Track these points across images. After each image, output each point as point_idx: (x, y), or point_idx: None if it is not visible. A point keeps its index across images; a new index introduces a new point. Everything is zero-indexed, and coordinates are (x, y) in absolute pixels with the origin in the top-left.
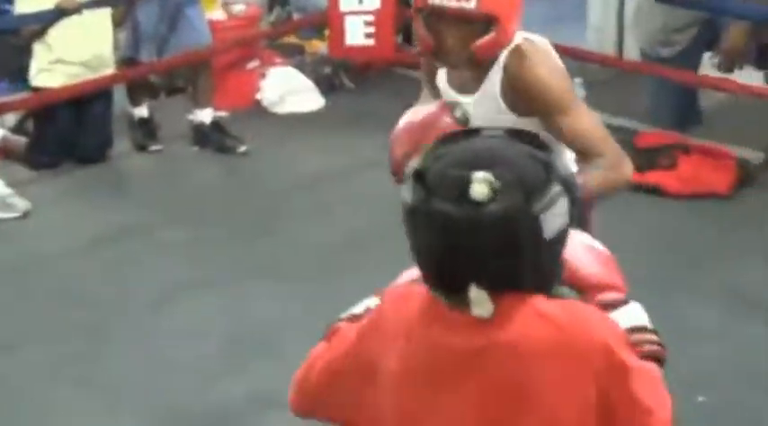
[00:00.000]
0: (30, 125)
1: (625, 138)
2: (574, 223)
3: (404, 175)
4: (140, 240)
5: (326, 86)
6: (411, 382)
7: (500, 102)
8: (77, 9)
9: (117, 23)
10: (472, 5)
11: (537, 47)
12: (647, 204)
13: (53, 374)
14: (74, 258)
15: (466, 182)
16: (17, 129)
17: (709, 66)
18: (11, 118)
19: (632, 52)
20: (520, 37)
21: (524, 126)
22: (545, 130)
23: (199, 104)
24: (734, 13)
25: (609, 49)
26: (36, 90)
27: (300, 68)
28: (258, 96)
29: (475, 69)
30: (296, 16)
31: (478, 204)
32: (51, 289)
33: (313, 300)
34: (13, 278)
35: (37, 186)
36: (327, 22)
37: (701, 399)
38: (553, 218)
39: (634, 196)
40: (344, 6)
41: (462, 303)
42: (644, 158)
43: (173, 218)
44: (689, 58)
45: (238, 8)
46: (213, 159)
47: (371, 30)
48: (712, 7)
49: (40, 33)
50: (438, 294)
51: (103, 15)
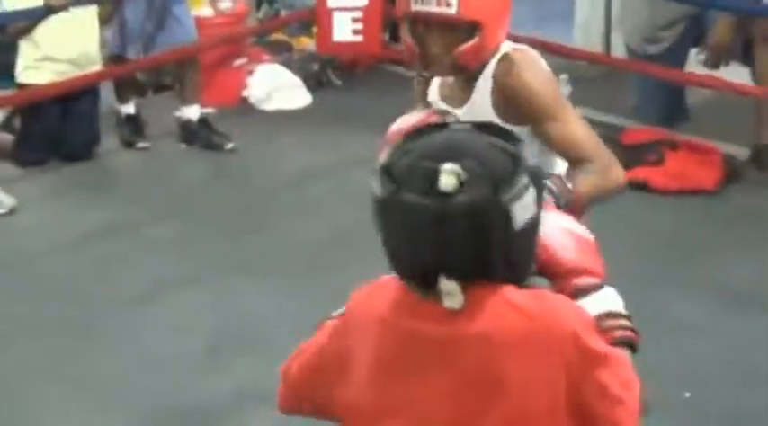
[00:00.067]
0: (16, 122)
1: (612, 135)
2: (541, 214)
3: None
4: (127, 237)
5: (314, 83)
6: (383, 373)
7: (491, 113)
8: (65, 6)
9: (104, 21)
10: (453, 11)
11: (525, 54)
12: (635, 200)
13: (40, 371)
14: (61, 255)
15: (434, 174)
16: (4, 127)
17: (695, 62)
18: None
19: (619, 49)
20: (508, 46)
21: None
22: (536, 138)
23: (186, 101)
24: (719, 7)
25: (596, 47)
26: (22, 87)
27: (288, 65)
28: (245, 93)
29: (461, 77)
30: (284, 13)
31: (446, 195)
32: (38, 286)
33: (300, 296)
34: (0, 275)
35: (24, 183)
36: (315, 19)
37: (688, 395)
38: (522, 209)
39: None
40: (332, 3)
41: (433, 294)
42: (631, 154)
43: (160, 215)
44: (675, 55)
45: (226, 5)
46: (200, 156)
47: (359, 26)
48: (698, 1)
49: (27, 30)
50: (410, 286)
51: (90, 13)
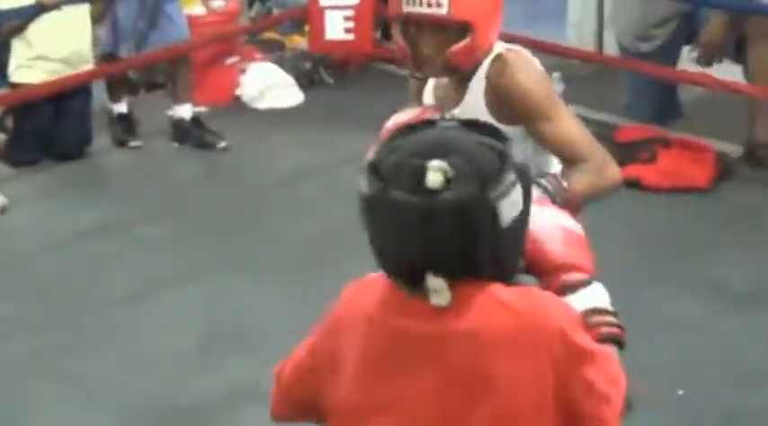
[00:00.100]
0: (9, 122)
1: (605, 133)
2: (528, 211)
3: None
4: (120, 236)
5: (306, 82)
6: (371, 370)
7: (485, 113)
8: (57, 5)
9: (96, 20)
10: (444, 12)
11: (519, 55)
12: (627, 198)
13: (32, 369)
14: (53, 254)
15: (421, 171)
16: None
17: (688, 60)
18: None
19: (612, 47)
20: (501, 47)
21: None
22: (530, 137)
23: (178, 100)
24: (711, 4)
25: (589, 45)
26: (15, 86)
27: (280, 64)
28: (238, 92)
29: (454, 78)
30: (276, 12)
31: (434, 192)
32: (30, 286)
33: (293, 294)
34: None
35: (16, 182)
36: (307, 18)
37: (681, 393)
38: (509, 206)
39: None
40: (324, 1)
41: (421, 292)
42: (624, 152)
43: (152, 214)
44: (668, 53)
45: (218, 3)
46: (193, 155)
47: (351, 25)
48: None
49: (20, 29)
50: (397, 283)
51: (82, 11)
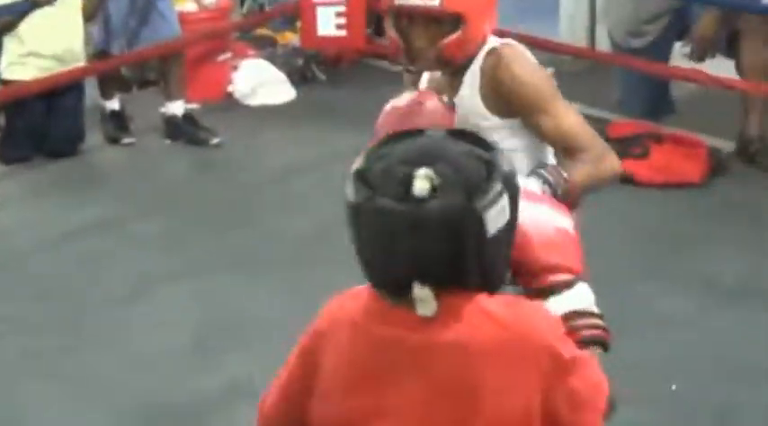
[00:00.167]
0: (1, 119)
1: (597, 128)
2: (515, 221)
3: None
4: (113, 233)
5: (298, 78)
6: (355, 378)
7: (481, 107)
8: (49, 1)
9: (88, 17)
10: (436, 3)
11: (513, 48)
12: (619, 193)
13: (27, 368)
14: (46, 252)
15: (408, 179)
16: None
17: (680, 55)
18: None
19: (604, 43)
20: (496, 41)
21: (509, 127)
22: (527, 129)
23: (171, 97)
24: (702, 1)
25: (581, 41)
26: (6, 83)
27: (271, 60)
28: (230, 88)
29: (448, 71)
30: (267, 8)
31: (420, 201)
32: (23, 283)
33: (285, 291)
34: None
35: (8, 180)
36: (299, 14)
37: (674, 387)
38: (495, 216)
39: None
40: None
41: (407, 301)
42: (616, 148)
43: (145, 211)
44: (660, 49)
45: (209, 0)
46: (185, 151)
47: (343, 21)
48: None
49: (12, 26)
50: (382, 293)
51: (74, 8)
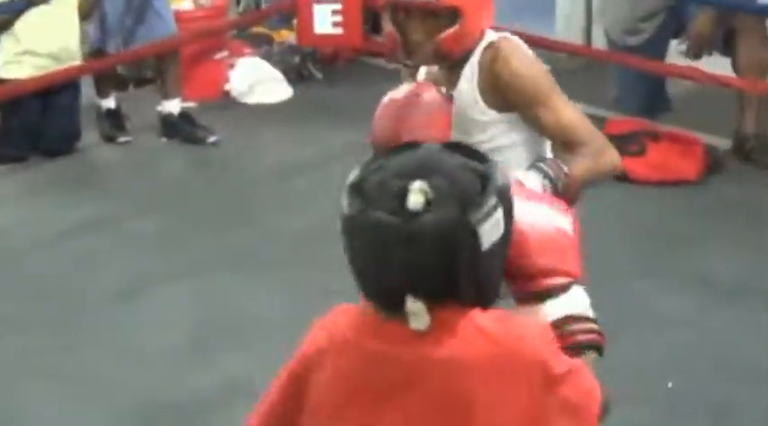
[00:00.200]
0: None
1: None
2: (510, 234)
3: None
4: (110, 232)
5: (295, 76)
6: (348, 396)
7: (479, 101)
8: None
9: (84, 15)
10: None
11: (511, 41)
12: (616, 191)
13: (23, 367)
14: (43, 251)
15: (403, 192)
16: None
17: (676, 53)
18: None
19: (600, 41)
20: (494, 34)
21: (507, 121)
22: (526, 123)
23: (167, 95)
24: (699, 1)
25: (577, 39)
26: (2, 81)
27: (268, 58)
28: (227, 87)
29: (446, 65)
30: (264, 6)
31: (414, 214)
32: (20, 282)
33: (284, 290)
34: None
35: (4, 179)
36: (295, 12)
37: (671, 385)
38: (489, 230)
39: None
40: None
41: (400, 315)
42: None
43: (142, 210)
44: (656, 46)
45: None
46: (182, 150)
47: (339, 19)
48: None
49: (8, 24)
50: (376, 306)
51: (70, 7)
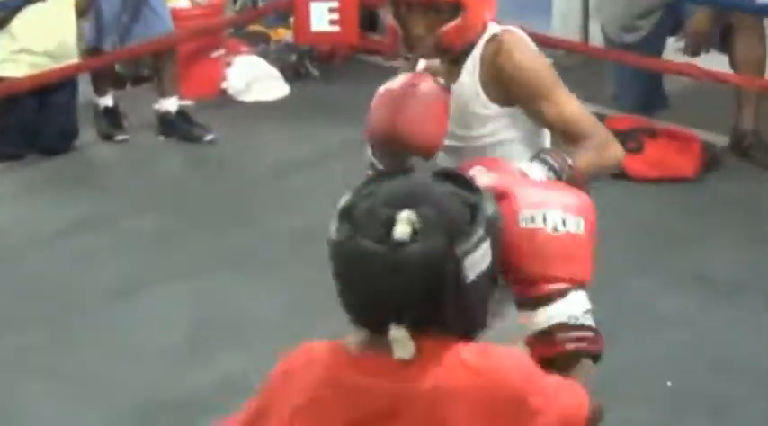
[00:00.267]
0: None
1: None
2: (497, 265)
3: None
4: (107, 230)
5: (292, 74)
6: None
7: (481, 94)
8: None
9: (80, 13)
10: None
11: (514, 35)
12: (613, 188)
13: (20, 365)
14: (40, 249)
15: (390, 222)
16: None
17: (673, 50)
18: None
19: (597, 38)
20: (497, 27)
21: (509, 115)
22: (528, 117)
23: (164, 93)
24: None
25: (574, 36)
26: None
27: (265, 56)
28: (224, 85)
29: (445, 58)
30: (261, 5)
31: (401, 243)
32: (17, 281)
33: (280, 289)
34: None
35: (1, 178)
36: (292, 10)
37: (670, 384)
38: (475, 262)
39: (601, 180)
40: None
41: (382, 345)
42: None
43: (139, 208)
44: (653, 44)
45: None
46: (179, 148)
47: (336, 16)
48: None
49: (4, 22)
50: (361, 333)
51: (67, 5)
